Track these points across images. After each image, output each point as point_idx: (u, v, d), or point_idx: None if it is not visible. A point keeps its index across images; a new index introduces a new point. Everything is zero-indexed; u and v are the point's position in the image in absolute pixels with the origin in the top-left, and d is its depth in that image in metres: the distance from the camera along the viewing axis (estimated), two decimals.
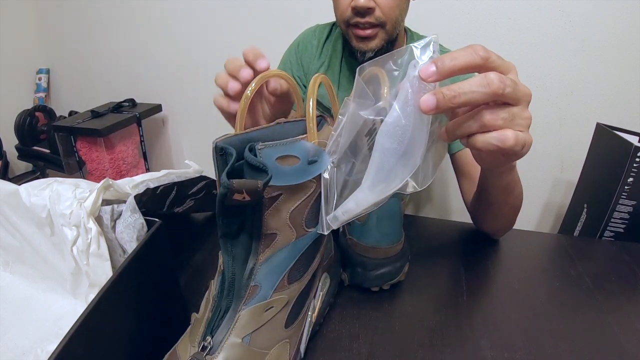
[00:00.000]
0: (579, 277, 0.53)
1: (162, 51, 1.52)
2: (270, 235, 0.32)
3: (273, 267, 0.33)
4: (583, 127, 1.14)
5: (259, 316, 0.33)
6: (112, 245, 0.42)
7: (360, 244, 0.47)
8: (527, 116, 0.35)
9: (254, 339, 0.32)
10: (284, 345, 0.35)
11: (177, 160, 1.73)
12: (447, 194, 1.42)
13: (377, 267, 0.47)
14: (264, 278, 0.32)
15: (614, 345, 0.43)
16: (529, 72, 1.17)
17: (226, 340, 0.32)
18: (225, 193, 0.27)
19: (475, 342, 0.43)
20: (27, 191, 0.43)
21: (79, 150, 1.41)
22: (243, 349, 0.32)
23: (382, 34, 0.69)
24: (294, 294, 0.35)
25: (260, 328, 0.33)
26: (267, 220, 0.31)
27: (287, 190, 0.31)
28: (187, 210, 0.54)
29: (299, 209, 0.32)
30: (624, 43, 1.08)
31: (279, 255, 0.33)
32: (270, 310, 0.33)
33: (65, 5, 1.58)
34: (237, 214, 0.31)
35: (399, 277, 0.49)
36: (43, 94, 1.70)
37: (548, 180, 1.29)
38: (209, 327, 0.33)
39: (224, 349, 0.31)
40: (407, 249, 0.49)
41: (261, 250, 0.32)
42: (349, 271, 0.49)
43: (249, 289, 0.32)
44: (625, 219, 0.79)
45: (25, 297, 0.48)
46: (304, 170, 0.31)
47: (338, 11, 0.70)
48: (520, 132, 0.34)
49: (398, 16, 0.68)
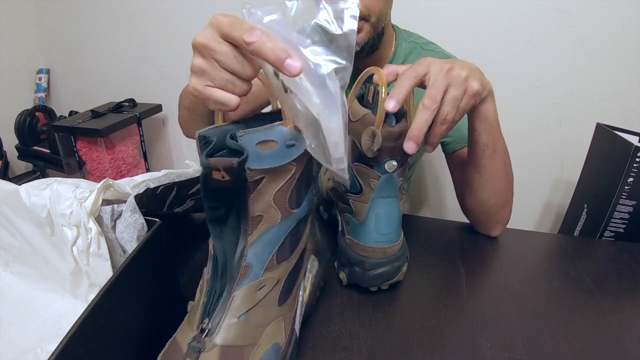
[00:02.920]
0: (579, 277, 0.53)
1: (162, 51, 1.52)
2: (257, 217, 0.33)
3: (262, 248, 0.34)
4: (583, 127, 1.14)
5: (252, 295, 0.34)
6: (112, 245, 0.42)
7: (359, 244, 0.47)
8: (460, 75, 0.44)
9: (250, 318, 0.34)
10: (278, 323, 0.36)
11: (177, 160, 1.73)
12: (442, 194, 1.41)
13: (375, 267, 0.47)
14: (254, 258, 0.34)
15: (614, 345, 0.43)
16: (529, 72, 1.17)
17: (223, 321, 0.33)
18: (205, 173, 0.28)
19: (475, 342, 0.43)
20: (27, 191, 0.43)
21: (79, 150, 1.41)
22: (240, 328, 0.33)
23: (367, 27, 0.67)
24: (283, 273, 0.37)
25: (254, 307, 0.34)
26: (252, 203, 0.33)
27: (269, 174, 0.33)
28: (187, 210, 0.54)
29: (282, 191, 0.34)
30: (624, 43, 1.08)
31: (267, 236, 0.34)
32: (262, 289, 0.35)
33: (65, 5, 1.58)
34: (221, 197, 0.32)
35: (397, 277, 0.48)
36: (43, 94, 1.70)
37: (548, 180, 1.29)
38: (206, 310, 0.34)
39: (222, 330, 0.33)
40: (406, 249, 0.49)
41: (249, 232, 0.33)
42: (347, 271, 0.49)
43: (241, 269, 0.34)
44: (625, 219, 0.79)
45: (25, 297, 0.48)
46: (283, 153, 0.33)
47: None
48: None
49: (382, 8, 0.67)
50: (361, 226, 0.47)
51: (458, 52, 0.79)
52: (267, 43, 0.29)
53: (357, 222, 0.48)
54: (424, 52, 0.77)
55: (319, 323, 0.45)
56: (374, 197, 0.46)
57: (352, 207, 0.48)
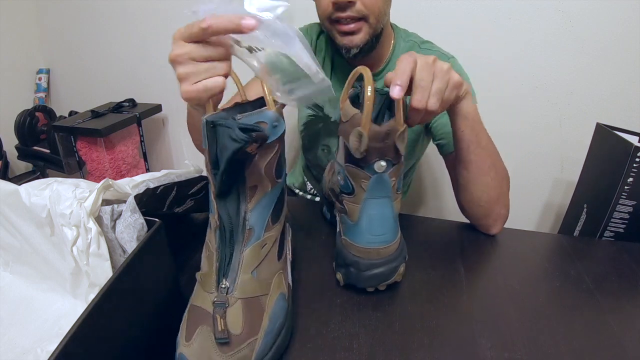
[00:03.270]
0: (579, 277, 0.53)
1: (162, 51, 1.50)
2: (253, 187, 0.40)
3: (260, 212, 0.41)
4: (583, 127, 1.14)
5: (258, 253, 0.40)
6: (112, 245, 0.42)
7: (353, 245, 0.47)
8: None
9: (259, 272, 0.40)
10: (280, 276, 0.43)
11: (177, 160, 1.73)
12: (442, 194, 1.41)
13: (370, 267, 0.47)
14: (255, 222, 0.40)
15: (614, 345, 0.43)
16: (529, 72, 1.17)
17: (239, 278, 0.39)
18: (240, 147, 0.34)
19: (475, 342, 0.43)
20: (27, 191, 0.43)
21: (79, 150, 1.41)
22: (253, 282, 0.40)
23: (366, 27, 0.67)
24: (277, 233, 0.43)
25: (261, 263, 0.41)
26: (249, 175, 0.39)
27: (260, 150, 0.39)
28: (187, 210, 0.54)
29: (269, 164, 0.40)
30: (624, 43, 1.08)
31: (262, 202, 0.41)
32: (265, 247, 0.41)
33: (65, 5, 1.58)
34: (235, 171, 0.38)
35: (394, 277, 0.48)
36: (43, 94, 1.70)
37: (548, 180, 1.29)
38: (220, 273, 0.39)
39: (239, 285, 0.39)
40: (403, 250, 0.49)
41: (248, 200, 0.40)
42: (343, 271, 0.49)
43: (246, 232, 0.40)
44: (625, 219, 0.79)
45: (25, 297, 0.48)
46: (271, 132, 0.39)
47: (320, 9, 0.69)
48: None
49: (381, 8, 0.67)
50: (355, 227, 0.47)
51: (458, 52, 0.79)
52: (219, 19, 0.35)
53: (351, 223, 0.47)
54: (421, 50, 0.77)
55: (319, 323, 0.45)
56: (365, 198, 0.45)
57: (346, 207, 0.48)
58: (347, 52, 0.70)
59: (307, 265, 0.55)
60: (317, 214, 0.67)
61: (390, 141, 0.42)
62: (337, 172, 0.50)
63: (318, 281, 0.51)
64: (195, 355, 0.35)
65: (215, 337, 0.36)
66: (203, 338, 0.36)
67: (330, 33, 0.72)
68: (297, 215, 0.67)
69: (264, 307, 0.40)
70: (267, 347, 0.38)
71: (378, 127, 0.41)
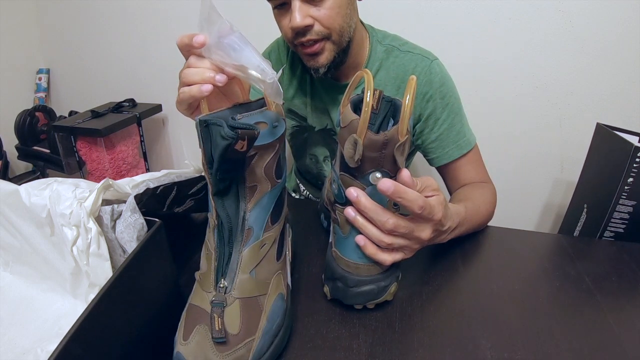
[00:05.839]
0: (579, 277, 0.53)
1: (162, 51, 1.52)
2: (252, 186, 0.40)
3: (259, 212, 0.41)
4: (583, 127, 1.14)
5: (257, 253, 0.40)
6: (112, 245, 0.42)
7: (343, 258, 0.45)
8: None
9: (258, 272, 0.40)
10: (279, 276, 0.43)
11: (177, 160, 1.73)
12: None
13: (358, 284, 0.44)
14: (255, 221, 0.40)
15: (614, 345, 0.43)
16: (529, 72, 1.17)
17: (237, 278, 0.39)
18: (229, 143, 0.33)
19: (475, 342, 0.43)
20: (27, 191, 0.43)
21: (79, 150, 1.41)
22: (251, 282, 0.40)
23: (330, 45, 0.66)
24: (276, 234, 0.43)
25: (260, 263, 0.40)
26: (248, 175, 0.39)
27: (260, 150, 0.39)
28: (187, 210, 0.54)
29: (269, 164, 0.40)
30: (624, 43, 1.08)
31: (262, 202, 0.41)
32: (264, 247, 0.41)
33: (65, 5, 1.58)
34: (229, 169, 0.38)
35: (384, 296, 0.46)
36: (43, 94, 1.70)
37: (548, 180, 1.29)
38: (219, 273, 0.39)
39: (237, 285, 0.39)
40: (395, 269, 0.47)
41: (248, 199, 0.40)
42: (331, 285, 0.47)
43: (245, 232, 0.40)
44: (625, 219, 0.79)
45: (25, 297, 0.48)
46: (271, 132, 0.39)
47: (283, 35, 0.69)
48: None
49: (342, 24, 0.65)
50: (346, 240, 0.44)
51: (458, 52, 0.79)
52: (183, 38, 0.42)
53: (343, 235, 0.45)
54: (402, 54, 0.73)
55: (319, 323, 0.45)
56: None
57: (339, 218, 0.45)
58: (316, 72, 0.69)
59: (307, 265, 0.55)
60: (318, 214, 0.67)
61: (388, 151, 0.39)
62: (332, 180, 0.47)
63: (318, 281, 0.51)
64: (192, 354, 0.35)
65: (212, 336, 0.36)
66: (200, 337, 0.36)
67: (299, 55, 0.72)
68: (298, 215, 0.67)
69: (262, 307, 0.39)
70: (265, 347, 0.38)
71: (375, 135, 0.38)
